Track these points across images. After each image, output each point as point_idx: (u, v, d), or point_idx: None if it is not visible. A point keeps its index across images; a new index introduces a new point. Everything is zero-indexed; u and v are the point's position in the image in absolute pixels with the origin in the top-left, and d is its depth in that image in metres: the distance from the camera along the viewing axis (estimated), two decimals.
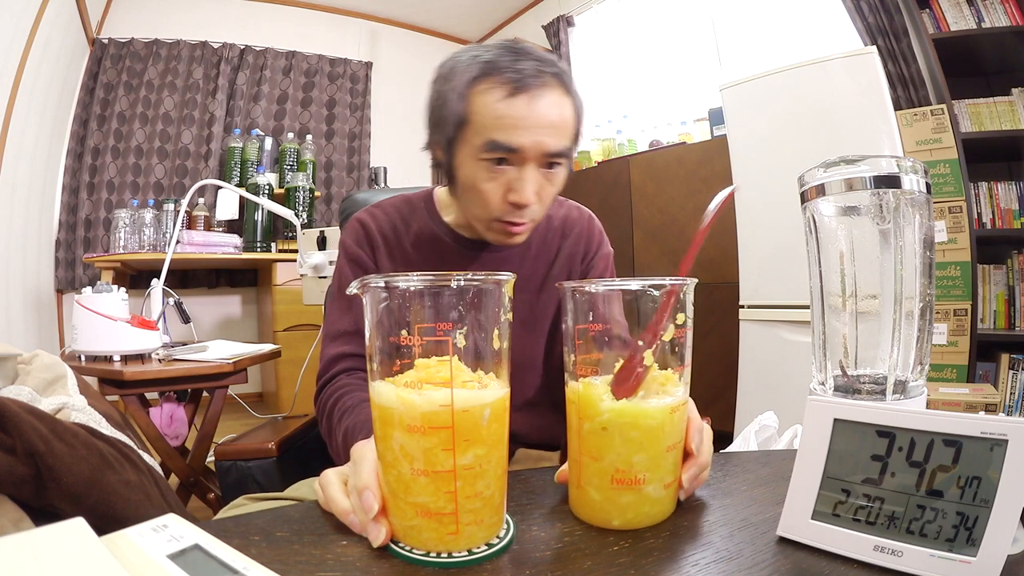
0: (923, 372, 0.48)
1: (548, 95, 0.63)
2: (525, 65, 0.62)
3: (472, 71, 0.63)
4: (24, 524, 0.48)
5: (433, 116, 0.69)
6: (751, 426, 0.80)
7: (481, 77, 0.63)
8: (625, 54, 3.24)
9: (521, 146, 0.62)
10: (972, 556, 0.33)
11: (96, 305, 1.39)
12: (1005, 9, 1.90)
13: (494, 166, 0.64)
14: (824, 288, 0.50)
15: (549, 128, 0.63)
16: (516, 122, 0.62)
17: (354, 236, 0.80)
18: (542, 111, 0.62)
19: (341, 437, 0.61)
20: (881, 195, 0.46)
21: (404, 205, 0.82)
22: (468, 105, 0.63)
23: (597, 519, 0.44)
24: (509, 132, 0.62)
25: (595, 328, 0.44)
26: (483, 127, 0.63)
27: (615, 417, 0.42)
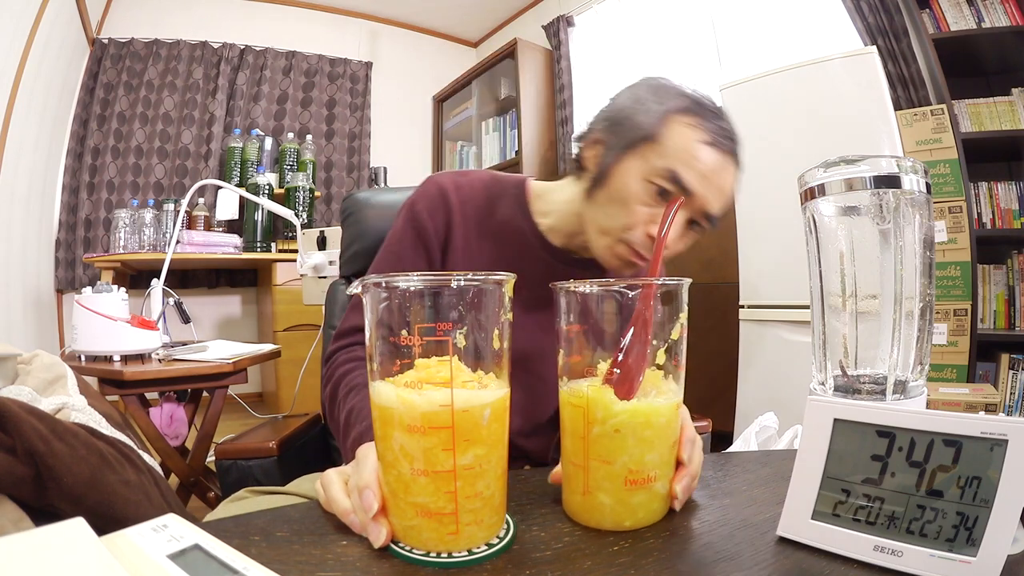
0: (923, 372, 0.48)
1: (730, 166, 0.64)
2: (726, 127, 0.63)
3: (681, 102, 0.63)
4: (24, 524, 0.48)
5: (618, 116, 0.66)
6: (751, 427, 0.80)
7: (688, 112, 0.62)
8: (625, 54, 3.23)
9: (695, 192, 0.61)
10: (972, 556, 0.33)
11: (96, 305, 1.39)
12: (1005, 9, 1.90)
13: (657, 195, 0.62)
14: (824, 288, 0.50)
15: (720, 193, 0.63)
16: (703, 169, 0.61)
17: (428, 203, 0.72)
18: (723, 175, 0.63)
19: (344, 415, 0.60)
20: (881, 195, 0.46)
21: (494, 185, 0.76)
22: (665, 127, 0.62)
23: (607, 523, 0.43)
24: (693, 174, 0.61)
25: (588, 328, 0.44)
26: (670, 155, 0.62)
27: (629, 418, 0.42)
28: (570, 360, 0.45)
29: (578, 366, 0.45)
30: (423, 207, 0.73)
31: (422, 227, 0.72)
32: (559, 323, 0.45)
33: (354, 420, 0.57)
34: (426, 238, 0.72)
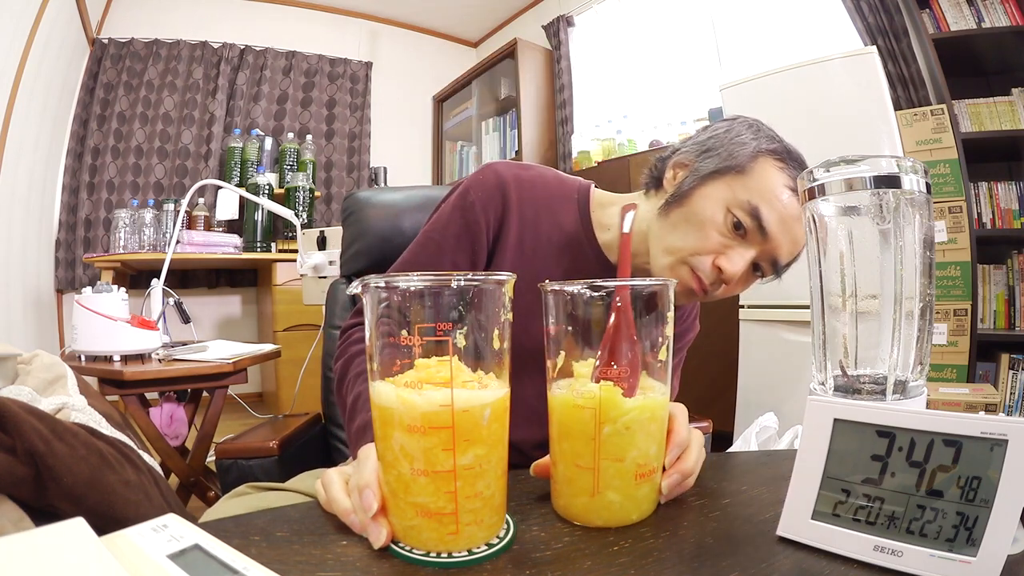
0: (923, 372, 0.48)
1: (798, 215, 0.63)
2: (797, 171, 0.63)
3: (774, 144, 0.64)
4: (24, 524, 0.48)
5: (715, 142, 0.66)
6: (751, 428, 0.80)
7: (779, 155, 0.63)
8: (625, 54, 3.23)
9: (770, 233, 0.61)
10: (972, 556, 0.33)
11: (96, 305, 1.39)
12: (1005, 9, 1.90)
13: (733, 226, 0.62)
14: (824, 288, 0.50)
15: (793, 242, 0.63)
16: (782, 212, 0.61)
17: (484, 193, 0.66)
18: (799, 224, 0.62)
19: (352, 399, 0.58)
20: (881, 195, 0.46)
21: (557, 185, 0.72)
22: (755, 163, 0.62)
23: (615, 520, 0.43)
24: (773, 216, 0.61)
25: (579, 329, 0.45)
26: (754, 190, 0.61)
27: (639, 414, 0.43)
28: (558, 361, 0.45)
29: (565, 367, 0.45)
30: (477, 197, 0.66)
31: (473, 219, 0.66)
32: (547, 324, 0.45)
33: (360, 407, 0.56)
34: (475, 232, 0.66)
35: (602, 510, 0.43)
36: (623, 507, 0.44)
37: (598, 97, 3.37)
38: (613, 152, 2.99)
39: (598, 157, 3.03)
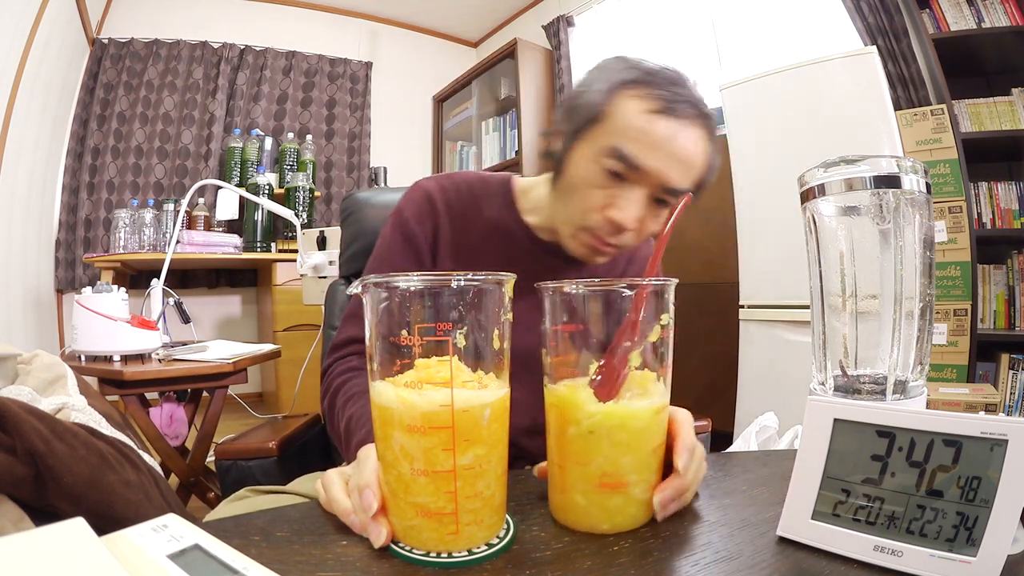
0: (923, 372, 0.48)
1: (693, 131, 0.59)
2: (684, 92, 0.59)
3: (627, 74, 0.60)
4: (24, 524, 0.48)
5: (568, 103, 0.65)
6: (751, 427, 0.80)
7: (634, 83, 0.59)
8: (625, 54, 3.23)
9: (645, 167, 0.58)
10: (972, 556, 0.33)
11: (96, 305, 1.39)
12: (1005, 9, 1.90)
13: (609, 176, 0.60)
14: (824, 288, 0.50)
15: (679, 163, 0.59)
16: (651, 141, 0.58)
17: (416, 208, 0.72)
18: (680, 144, 0.58)
19: (344, 424, 0.60)
20: (881, 195, 0.46)
21: (479, 185, 0.75)
22: (609, 104, 0.60)
23: (583, 524, 0.43)
24: (640, 148, 0.58)
25: (573, 329, 0.43)
26: (615, 132, 0.59)
27: (603, 420, 0.41)
28: (554, 360, 0.44)
29: (563, 367, 0.44)
30: (410, 213, 0.72)
31: (411, 233, 0.71)
32: (544, 323, 0.44)
33: (355, 426, 0.57)
34: (415, 244, 0.71)
35: (569, 510, 0.44)
36: (589, 513, 0.42)
37: None
38: None
39: None
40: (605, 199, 0.61)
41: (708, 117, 0.61)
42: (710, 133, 0.62)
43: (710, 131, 0.62)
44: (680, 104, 0.58)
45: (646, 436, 0.42)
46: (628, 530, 0.42)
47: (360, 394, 0.61)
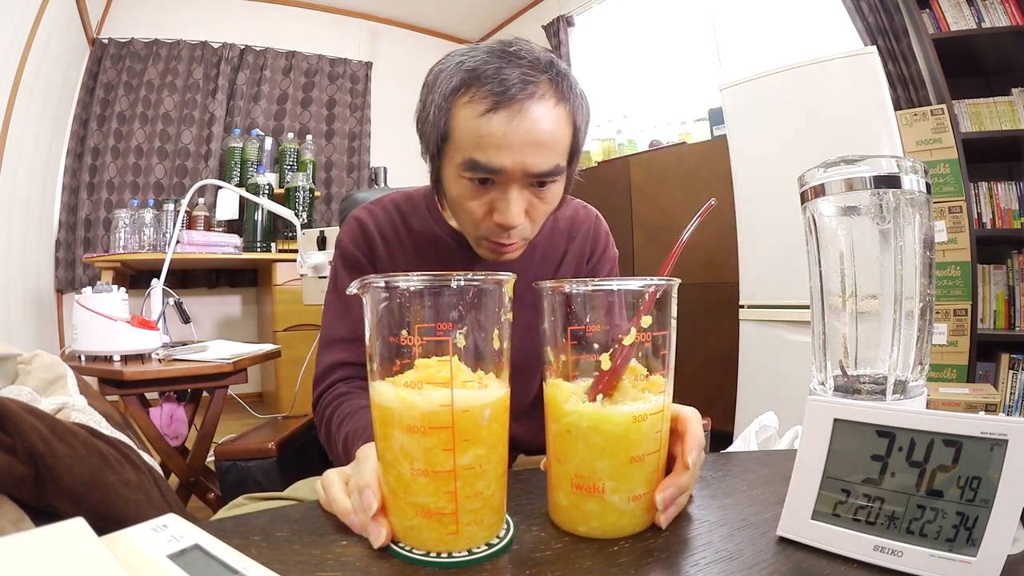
0: (923, 372, 0.48)
1: (534, 109, 0.56)
2: (510, 73, 0.56)
3: (454, 81, 0.58)
4: (24, 524, 0.48)
5: (419, 127, 0.65)
6: (751, 427, 0.80)
7: (462, 88, 0.57)
8: (625, 54, 3.24)
9: (502, 167, 0.57)
10: (972, 556, 0.33)
11: (96, 305, 1.39)
12: (1005, 9, 1.90)
13: (478, 185, 0.60)
14: (824, 288, 0.50)
15: (533, 147, 0.57)
16: (496, 141, 0.56)
17: (351, 236, 0.76)
18: (525, 129, 0.56)
19: (341, 444, 0.61)
20: (881, 195, 0.46)
21: (405, 203, 0.78)
22: (449, 119, 0.59)
23: (566, 524, 0.42)
24: (489, 152, 0.57)
25: (574, 328, 0.42)
26: (463, 145, 0.58)
27: (577, 420, 0.41)
28: (553, 358, 0.44)
29: (559, 364, 0.44)
30: (349, 242, 0.75)
31: (354, 260, 0.74)
32: (544, 322, 0.44)
33: (352, 443, 0.57)
34: (361, 269, 0.74)
35: (555, 509, 0.44)
36: (569, 514, 0.42)
37: (598, 97, 3.37)
38: (613, 152, 2.99)
39: (598, 157, 3.03)
40: (485, 207, 0.61)
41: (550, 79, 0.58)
42: (559, 94, 0.58)
43: (558, 92, 0.58)
44: (512, 88, 0.55)
45: (623, 442, 0.40)
46: (608, 538, 0.41)
47: (352, 413, 0.62)
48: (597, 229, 0.82)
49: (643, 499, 0.42)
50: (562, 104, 0.59)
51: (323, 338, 0.75)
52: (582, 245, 0.80)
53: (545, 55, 0.60)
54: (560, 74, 0.59)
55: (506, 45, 0.59)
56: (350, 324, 0.72)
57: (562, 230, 0.79)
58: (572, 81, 0.60)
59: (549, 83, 0.58)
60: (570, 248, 0.79)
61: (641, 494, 0.41)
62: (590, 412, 0.40)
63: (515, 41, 0.59)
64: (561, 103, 0.59)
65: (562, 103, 0.59)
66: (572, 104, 0.60)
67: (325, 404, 0.68)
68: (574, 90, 0.60)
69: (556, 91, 0.58)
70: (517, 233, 0.63)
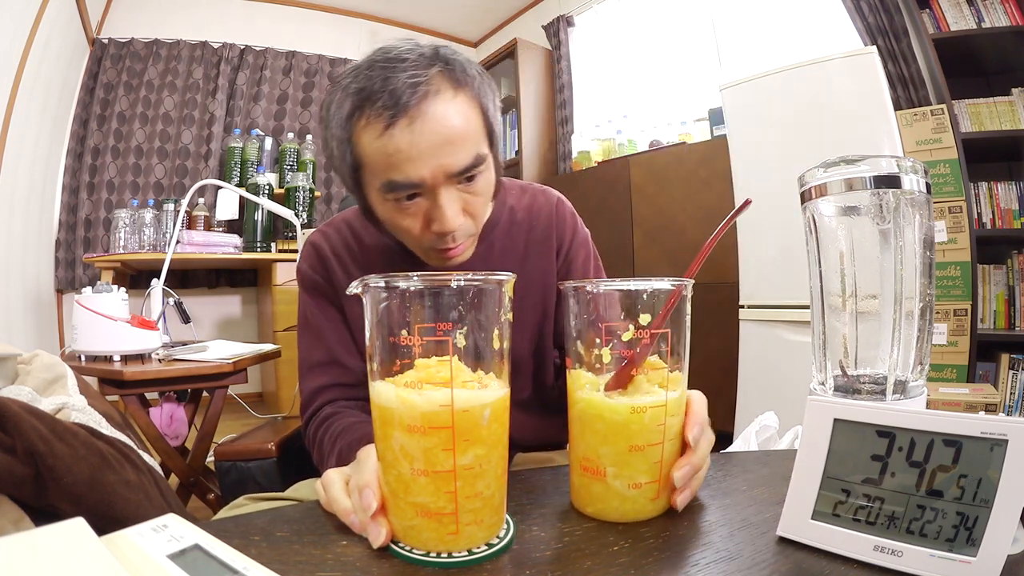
0: (923, 372, 0.48)
1: (433, 107, 0.54)
2: (397, 80, 0.53)
3: (345, 108, 0.56)
4: (24, 524, 0.48)
5: (329, 164, 0.63)
6: (751, 426, 0.80)
7: (356, 112, 0.55)
8: (625, 54, 3.23)
9: (421, 179, 0.55)
10: (972, 556, 0.33)
11: (96, 305, 1.39)
12: (1005, 9, 1.90)
13: (405, 202, 0.58)
14: (824, 288, 0.50)
15: (445, 147, 0.55)
16: (406, 155, 0.54)
17: (308, 261, 0.75)
18: (430, 131, 0.54)
19: (335, 461, 0.60)
20: (881, 195, 0.46)
21: (356, 219, 0.75)
22: (354, 148, 0.57)
23: (577, 503, 0.47)
24: (403, 168, 0.54)
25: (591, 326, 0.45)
26: (376, 169, 0.56)
27: (585, 408, 0.45)
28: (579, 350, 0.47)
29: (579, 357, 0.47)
30: (307, 268, 0.74)
31: (314, 284, 0.73)
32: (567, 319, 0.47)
33: (346, 457, 0.56)
34: (325, 292, 0.73)
35: (570, 486, 0.48)
36: (578, 493, 0.47)
37: (598, 97, 3.37)
38: (613, 152, 2.99)
39: (598, 157, 3.03)
40: (420, 221, 0.59)
41: (441, 72, 0.55)
42: (454, 82, 0.56)
43: (453, 81, 0.56)
44: (403, 95, 0.53)
45: (623, 431, 0.43)
46: (610, 521, 0.44)
47: (344, 430, 0.62)
48: (561, 214, 0.78)
49: (646, 488, 0.44)
50: (461, 91, 0.56)
51: (301, 366, 0.74)
52: (545, 235, 0.76)
53: (429, 48, 0.57)
54: (450, 62, 0.56)
55: (385, 52, 0.56)
56: (324, 348, 0.71)
57: (520, 222, 0.76)
58: (465, 64, 0.58)
59: (441, 75, 0.55)
60: (531, 239, 0.76)
61: (643, 483, 0.44)
62: (595, 400, 0.44)
63: (393, 45, 0.57)
64: (460, 91, 0.56)
65: (461, 90, 0.56)
66: (472, 87, 0.57)
67: (314, 428, 0.68)
68: (469, 72, 0.58)
69: (450, 80, 0.56)
70: (461, 234, 0.61)
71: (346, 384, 0.70)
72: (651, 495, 0.44)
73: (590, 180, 2.88)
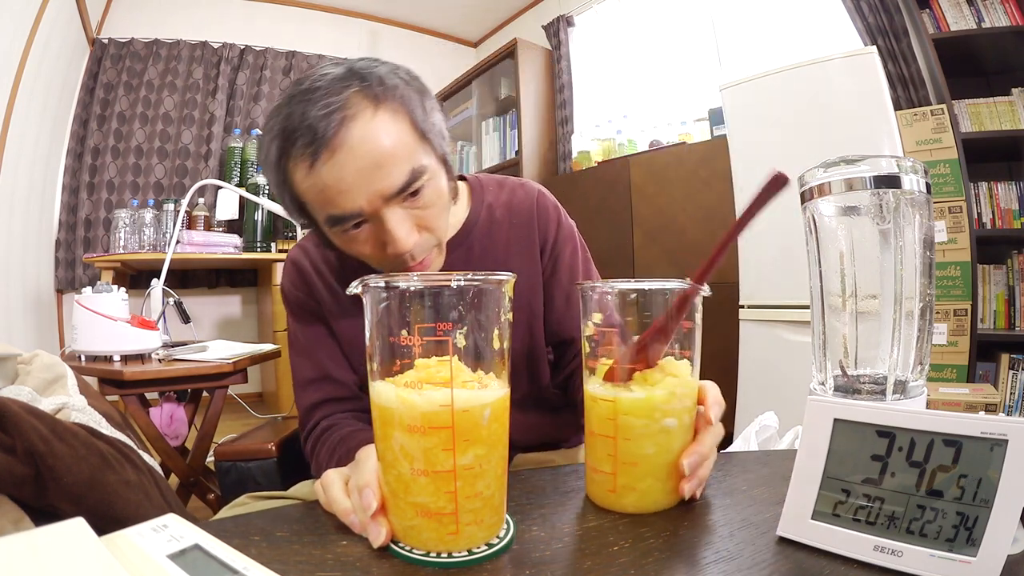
0: (923, 372, 0.48)
1: (353, 133, 0.51)
2: (312, 112, 0.51)
3: (272, 151, 0.55)
4: (24, 524, 0.48)
5: (274, 195, 0.61)
6: (751, 426, 0.80)
7: (282, 155, 0.54)
8: (625, 54, 3.23)
9: (359, 209, 0.53)
10: (972, 556, 0.33)
11: (96, 305, 1.39)
12: (1005, 9, 1.90)
13: (354, 230, 0.56)
14: (824, 288, 0.50)
15: (373, 171, 0.52)
16: (337, 188, 0.52)
17: (289, 279, 0.74)
18: (356, 159, 0.51)
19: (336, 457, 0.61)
20: (881, 195, 0.46)
21: None
22: (290, 189, 0.56)
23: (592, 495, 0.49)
24: (338, 202, 0.53)
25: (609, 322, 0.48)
26: (315, 205, 0.55)
27: (586, 396, 0.48)
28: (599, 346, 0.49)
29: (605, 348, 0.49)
30: (290, 284, 0.74)
31: (297, 300, 0.73)
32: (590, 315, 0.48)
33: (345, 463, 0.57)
34: (309, 308, 0.72)
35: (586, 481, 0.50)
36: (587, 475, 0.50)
37: (598, 97, 3.37)
38: (613, 152, 2.99)
39: (598, 157, 3.03)
40: (376, 245, 0.58)
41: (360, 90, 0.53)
42: (372, 98, 0.53)
43: (371, 98, 0.53)
44: (319, 127, 0.51)
45: (605, 424, 0.46)
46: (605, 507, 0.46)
47: (343, 440, 0.62)
48: (543, 208, 0.75)
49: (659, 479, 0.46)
50: (382, 106, 0.53)
51: (295, 383, 0.74)
52: (527, 231, 0.74)
53: (343, 68, 0.55)
54: (366, 77, 0.54)
55: (299, 84, 0.54)
56: (314, 364, 0.71)
57: (500, 221, 0.73)
58: (383, 75, 0.55)
59: (357, 95, 0.53)
60: (512, 237, 0.73)
61: (627, 483, 0.46)
62: (588, 391, 0.48)
63: (308, 74, 0.55)
64: (380, 106, 0.53)
65: (381, 106, 0.53)
66: (394, 98, 0.55)
67: (312, 442, 0.69)
68: (388, 83, 0.55)
69: (368, 98, 0.53)
70: (420, 250, 0.58)
71: (340, 398, 0.71)
72: (665, 486, 0.46)
73: (590, 180, 2.88)
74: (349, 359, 0.72)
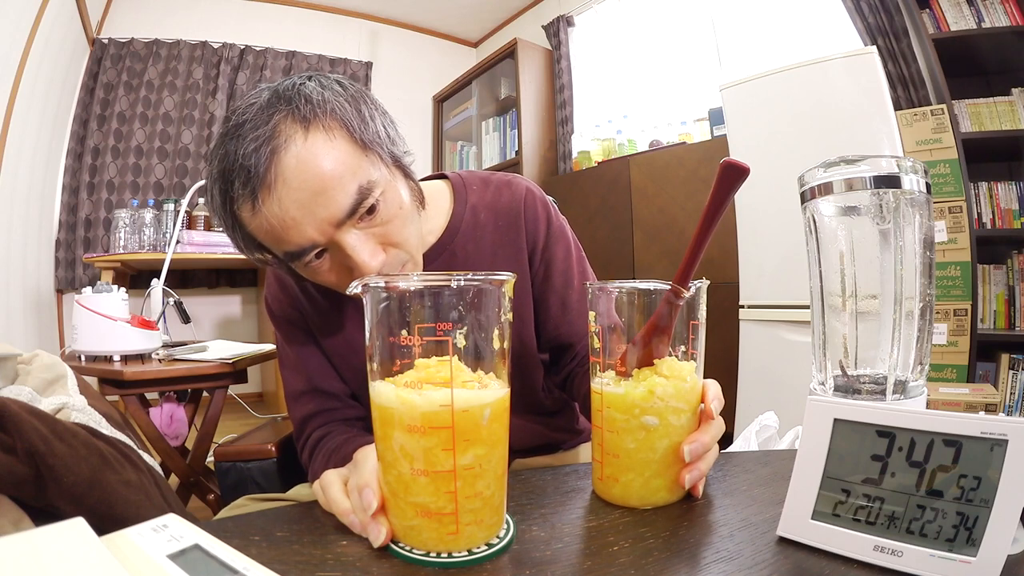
0: (923, 372, 0.48)
1: (287, 164, 0.48)
2: (243, 149, 0.48)
3: (218, 196, 0.52)
4: (24, 524, 0.48)
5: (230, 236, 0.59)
6: (751, 426, 0.80)
7: (226, 200, 0.51)
8: (625, 54, 3.23)
9: (311, 241, 0.51)
10: (972, 556, 0.33)
11: (96, 305, 1.39)
12: (1005, 9, 1.90)
13: (315, 262, 0.54)
14: (824, 288, 0.50)
15: (316, 199, 0.49)
16: (282, 225, 0.49)
17: (272, 293, 0.72)
18: (294, 190, 0.48)
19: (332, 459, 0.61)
20: (881, 195, 0.46)
21: None
22: (243, 230, 0.53)
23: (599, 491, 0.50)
24: (288, 237, 0.50)
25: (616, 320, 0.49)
26: (268, 243, 0.53)
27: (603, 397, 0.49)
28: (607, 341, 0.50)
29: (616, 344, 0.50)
30: (271, 299, 0.72)
31: (284, 313, 0.71)
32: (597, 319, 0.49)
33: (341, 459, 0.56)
34: (293, 320, 0.71)
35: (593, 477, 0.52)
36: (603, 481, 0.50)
37: (598, 97, 3.37)
38: (613, 152, 2.99)
39: (598, 157, 3.03)
40: (342, 272, 0.55)
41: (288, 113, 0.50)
42: (302, 121, 0.50)
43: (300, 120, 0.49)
44: (251, 165, 0.48)
45: (596, 414, 0.49)
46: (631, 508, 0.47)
47: (338, 447, 0.62)
48: (530, 207, 0.71)
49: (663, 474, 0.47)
50: (312, 127, 0.50)
51: (286, 395, 0.73)
52: (514, 234, 0.70)
53: (267, 94, 0.52)
54: (290, 99, 0.50)
55: (228, 121, 0.52)
56: (303, 377, 0.70)
57: (484, 223, 0.70)
58: (307, 93, 0.51)
59: (285, 119, 0.49)
60: (498, 240, 0.70)
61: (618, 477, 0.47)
62: (612, 390, 0.48)
63: (236, 106, 0.52)
64: (311, 128, 0.50)
65: (312, 126, 0.50)
66: (324, 114, 0.51)
67: (308, 452, 0.69)
68: (315, 99, 0.51)
69: (296, 121, 0.49)
70: (390, 267, 0.55)
71: (331, 408, 0.70)
72: (648, 483, 0.46)
73: (590, 180, 2.88)
74: (337, 368, 0.71)
